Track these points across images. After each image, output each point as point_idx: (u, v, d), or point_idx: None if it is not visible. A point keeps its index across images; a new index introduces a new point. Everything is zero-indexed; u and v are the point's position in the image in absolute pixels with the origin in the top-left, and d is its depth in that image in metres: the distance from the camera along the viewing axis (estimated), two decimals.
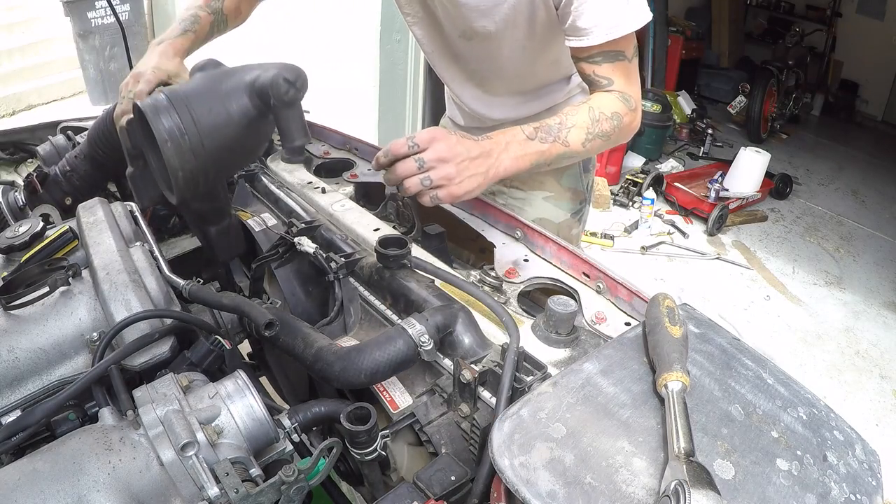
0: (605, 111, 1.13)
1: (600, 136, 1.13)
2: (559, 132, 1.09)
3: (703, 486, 0.52)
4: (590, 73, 1.17)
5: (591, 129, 1.11)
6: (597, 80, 1.17)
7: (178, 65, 1.21)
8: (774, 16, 7.16)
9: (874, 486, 0.64)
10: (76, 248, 0.90)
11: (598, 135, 1.12)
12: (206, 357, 0.76)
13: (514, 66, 1.36)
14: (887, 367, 3.22)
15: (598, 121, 1.12)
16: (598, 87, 1.17)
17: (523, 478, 0.56)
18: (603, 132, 1.13)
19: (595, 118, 1.12)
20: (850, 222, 4.71)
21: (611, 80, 1.16)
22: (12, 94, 4.94)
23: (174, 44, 1.24)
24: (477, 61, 1.39)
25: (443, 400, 0.78)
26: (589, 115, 1.12)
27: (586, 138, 1.11)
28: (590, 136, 1.11)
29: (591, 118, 1.12)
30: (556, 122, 1.09)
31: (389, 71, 3.44)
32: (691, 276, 3.80)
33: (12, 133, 1.40)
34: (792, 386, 0.73)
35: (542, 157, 1.08)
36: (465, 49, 1.35)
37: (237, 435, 0.65)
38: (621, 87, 1.16)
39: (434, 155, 0.96)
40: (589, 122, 1.11)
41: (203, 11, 1.34)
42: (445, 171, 0.96)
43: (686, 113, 5.68)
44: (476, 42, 1.30)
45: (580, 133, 1.11)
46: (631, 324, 0.90)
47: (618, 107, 1.15)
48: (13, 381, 0.74)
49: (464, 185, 0.99)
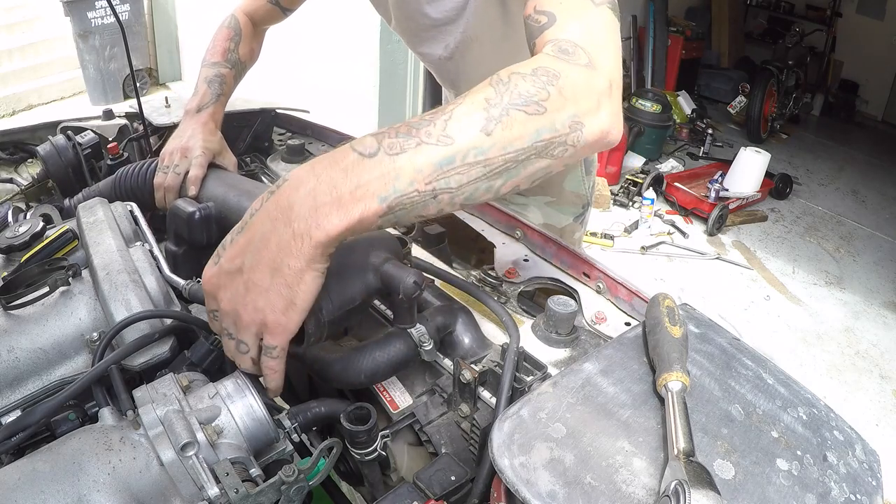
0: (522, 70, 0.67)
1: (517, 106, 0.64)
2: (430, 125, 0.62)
3: (703, 486, 0.52)
4: (530, 11, 0.77)
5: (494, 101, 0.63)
6: (534, 21, 0.76)
7: (221, 141, 1.18)
8: (774, 16, 7.16)
9: (874, 486, 0.64)
10: (76, 248, 0.90)
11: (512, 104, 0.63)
12: (206, 357, 0.76)
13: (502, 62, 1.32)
14: (887, 367, 3.22)
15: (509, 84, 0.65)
16: (534, 35, 0.76)
17: (523, 478, 0.56)
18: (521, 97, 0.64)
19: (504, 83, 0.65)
20: (850, 222, 4.71)
21: (552, 14, 0.74)
22: (12, 94, 4.94)
23: (213, 115, 1.20)
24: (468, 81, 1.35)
25: (443, 400, 0.78)
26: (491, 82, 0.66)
27: (488, 117, 0.62)
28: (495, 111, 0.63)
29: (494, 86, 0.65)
30: (424, 116, 0.64)
31: (389, 71, 3.44)
32: (691, 276, 3.80)
33: (12, 133, 1.39)
34: (792, 386, 0.73)
35: (400, 181, 0.60)
36: (453, 70, 1.32)
37: (237, 435, 0.65)
38: (566, 33, 0.71)
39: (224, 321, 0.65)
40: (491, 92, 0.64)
41: (225, 68, 1.28)
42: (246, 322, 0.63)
43: (686, 113, 5.68)
44: (458, 57, 1.26)
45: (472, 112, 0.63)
46: (631, 324, 0.90)
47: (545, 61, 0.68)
48: (13, 381, 0.74)
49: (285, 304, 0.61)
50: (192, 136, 1.14)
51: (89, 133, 1.31)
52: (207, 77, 1.24)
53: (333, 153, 0.62)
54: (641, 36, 5.78)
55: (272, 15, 1.39)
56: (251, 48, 1.35)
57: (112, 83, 4.97)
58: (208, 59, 1.29)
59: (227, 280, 0.63)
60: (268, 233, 0.60)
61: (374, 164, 0.60)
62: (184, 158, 1.10)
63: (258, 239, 0.61)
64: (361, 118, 3.56)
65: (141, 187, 1.11)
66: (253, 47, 1.37)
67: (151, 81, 5.47)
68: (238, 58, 1.31)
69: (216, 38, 1.32)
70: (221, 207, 0.99)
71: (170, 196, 1.08)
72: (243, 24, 1.34)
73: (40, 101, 5.11)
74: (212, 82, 1.23)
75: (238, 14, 1.36)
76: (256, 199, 0.64)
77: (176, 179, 1.08)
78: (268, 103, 1.48)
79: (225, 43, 1.30)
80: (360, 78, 3.52)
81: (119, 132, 1.43)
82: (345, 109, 3.52)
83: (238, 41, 1.32)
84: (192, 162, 1.09)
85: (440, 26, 1.23)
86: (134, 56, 4.82)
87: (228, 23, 1.34)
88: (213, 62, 1.27)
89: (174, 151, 1.11)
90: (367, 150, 0.60)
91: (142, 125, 1.33)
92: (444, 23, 1.22)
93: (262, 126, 1.47)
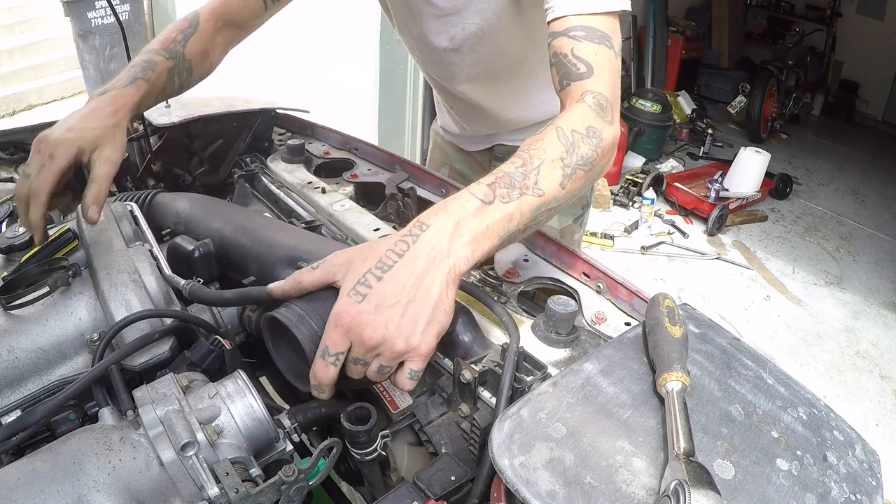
0: (578, 127, 0.83)
1: (581, 166, 0.82)
2: (525, 178, 0.77)
3: (703, 486, 0.52)
4: (566, 52, 0.91)
5: (567, 160, 0.81)
6: (573, 63, 0.90)
7: (109, 129, 0.91)
8: (774, 16, 7.16)
9: (874, 486, 0.64)
10: (76, 248, 0.90)
11: (578, 164, 0.82)
12: (206, 357, 0.76)
13: (508, 63, 1.32)
14: (887, 367, 3.22)
15: (574, 144, 0.82)
16: (572, 78, 0.90)
17: (523, 478, 0.56)
18: (583, 158, 0.82)
19: (569, 143, 0.82)
20: (850, 222, 4.71)
21: (590, 67, 0.89)
22: (12, 94, 4.94)
23: (117, 97, 0.96)
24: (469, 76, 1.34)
25: (443, 400, 0.78)
26: (560, 139, 0.81)
27: (564, 175, 0.80)
28: (568, 171, 0.81)
29: (563, 143, 0.81)
30: (516, 165, 0.78)
31: (389, 71, 3.44)
32: (691, 276, 3.80)
33: (12, 133, 1.40)
34: (792, 386, 0.73)
35: (512, 223, 0.75)
36: (456, 62, 1.31)
37: (237, 435, 0.65)
38: (600, 87, 0.89)
39: (363, 349, 0.67)
40: (563, 150, 0.81)
41: (160, 56, 1.07)
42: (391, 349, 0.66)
43: (686, 113, 5.68)
44: (466, 49, 1.25)
45: (554, 170, 0.79)
46: (631, 324, 0.90)
47: (591, 118, 0.86)
48: (13, 381, 0.74)
49: (427, 330, 0.67)
50: (63, 121, 0.91)
51: None
52: (132, 62, 1.05)
53: (459, 200, 0.74)
54: (641, 36, 5.78)
55: (256, 10, 1.21)
56: (205, 49, 1.15)
57: None
58: (146, 47, 1.10)
59: (376, 315, 0.66)
60: (422, 270, 0.68)
61: (494, 210, 0.74)
62: (40, 164, 0.86)
63: (415, 276, 0.68)
64: (361, 118, 3.56)
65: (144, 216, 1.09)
66: (208, 49, 1.16)
67: None
68: (182, 52, 1.11)
69: (165, 30, 1.14)
70: (218, 243, 0.97)
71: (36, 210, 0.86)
72: (203, 20, 1.16)
73: (40, 101, 5.11)
74: (134, 66, 1.03)
75: (203, 10, 1.18)
76: (393, 241, 0.70)
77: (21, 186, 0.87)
78: (268, 103, 1.48)
79: (172, 34, 1.12)
80: (360, 78, 3.52)
81: None
82: (345, 109, 3.51)
83: (189, 35, 1.13)
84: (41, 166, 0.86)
85: (444, 16, 1.21)
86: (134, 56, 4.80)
87: (186, 16, 1.17)
88: (148, 49, 1.09)
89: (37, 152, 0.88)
90: (486, 198, 0.74)
91: (142, 125, 1.33)
92: (449, 13, 1.20)
93: (262, 126, 1.47)
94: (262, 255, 0.92)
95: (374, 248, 0.71)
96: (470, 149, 1.64)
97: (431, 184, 1.26)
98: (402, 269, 0.68)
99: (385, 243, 0.70)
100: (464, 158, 1.68)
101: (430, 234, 0.70)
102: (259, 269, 0.92)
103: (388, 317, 0.66)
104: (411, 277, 0.67)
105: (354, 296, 0.67)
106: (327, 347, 0.67)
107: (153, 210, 1.11)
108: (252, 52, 2.48)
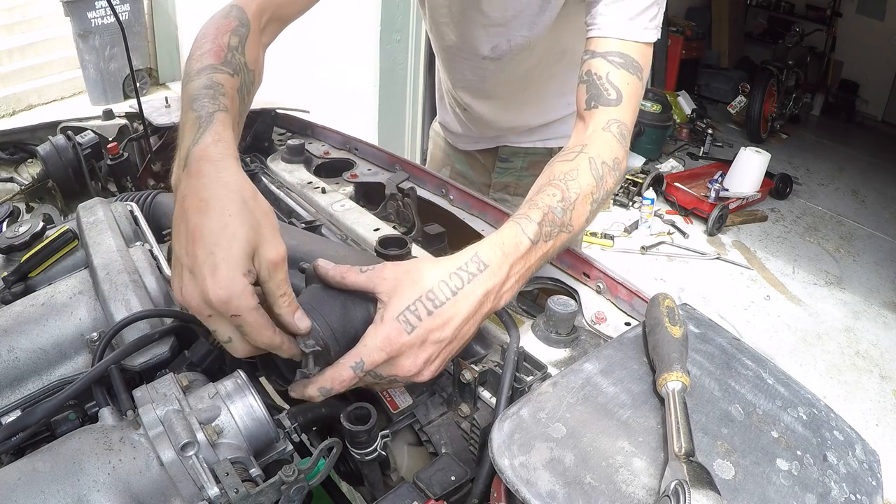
0: (608, 160, 0.85)
1: (602, 200, 0.85)
2: (564, 215, 0.79)
3: (703, 486, 0.52)
4: (602, 75, 0.92)
5: (596, 195, 0.83)
6: (605, 88, 0.92)
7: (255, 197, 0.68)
8: (774, 16, 7.16)
9: (874, 486, 0.64)
10: (76, 248, 0.90)
11: (602, 198, 0.84)
12: (206, 357, 0.75)
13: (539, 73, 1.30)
14: (887, 367, 3.22)
15: (602, 178, 0.84)
16: (601, 102, 0.92)
17: (523, 478, 0.56)
18: (607, 192, 0.85)
19: (599, 176, 0.83)
20: (850, 222, 4.71)
21: (621, 95, 0.91)
22: (12, 94, 4.95)
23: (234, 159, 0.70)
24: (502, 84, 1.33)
25: (443, 400, 0.78)
26: (592, 172, 0.83)
27: (591, 210, 0.83)
28: (595, 206, 0.83)
29: (594, 177, 0.83)
30: (557, 199, 0.79)
31: (389, 71, 3.44)
32: (691, 276, 3.80)
33: (12, 133, 1.40)
34: (792, 386, 0.73)
35: (544, 259, 0.80)
36: (492, 69, 1.29)
37: (237, 435, 0.65)
38: (625, 117, 0.91)
39: (391, 371, 0.68)
40: (594, 185, 0.82)
41: (222, 73, 0.80)
42: (408, 375, 0.69)
43: (686, 113, 5.68)
44: (507, 60, 1.23)
45: (585, 206, 0.82)
46: (631, 324, 0.90)
47: (617, 150, 0.88)
48: (13, 381, 0.74)
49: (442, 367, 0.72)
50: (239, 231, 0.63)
51: (89, 133, 1.31)
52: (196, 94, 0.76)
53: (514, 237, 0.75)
54: None
55: None
56: (258, 55, 0.91)
57: (112, 83, 4.97)
58: (193, 65, 0.81)
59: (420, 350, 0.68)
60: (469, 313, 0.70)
61: (538, 250, 0.77)
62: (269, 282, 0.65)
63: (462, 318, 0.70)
64: (361, 118, 3.56)
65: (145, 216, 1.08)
66: (261, 56, 0.93)
67: (151, 81, 5.48)
68: (245, 62, 0.85)
69: (207, 34, 0.86)
70: None
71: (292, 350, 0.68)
72: (252, 18, 0.90)
73: (40, 101, 5.11)
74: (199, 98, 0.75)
75: (242, 3, 0.91)
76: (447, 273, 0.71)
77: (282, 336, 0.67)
78: (268, 103, 1.48)
79: (223, 37, 0.85)
80: (360, 78, 3.52)
81: (119, 132, 1.43)
82: (345, 109, 3.51)
83: (245, 37, 0.87)
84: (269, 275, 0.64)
85: (491, 27, 1.20)
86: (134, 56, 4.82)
87: (228, 11, 0.90)
88: (205, 66, 0.80)
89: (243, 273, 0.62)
90: (535, 238, 0.76)
91: (142, 125, 1.33)
92: (497, 23, 1.19)
93: (262, 126, 1.47)
94: None
95: (425, 274, 0.70)
96: (469, 149, 1.64)
97: (431, 184, 1.26)
98: (452, 309, 0.69)
99: (437, 272, 0.70)
100: (465, 159, 1.67)
101: (486, 278, 0.71)
102: None
103: (429, 353, 0.68)
104: (459, 319, 0.69)
105: (404, 324, 0.67)
106: (363, 361, 0.66)
107: (154, 210, 1.10)
108: None
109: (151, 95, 4.60)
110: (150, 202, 1.11)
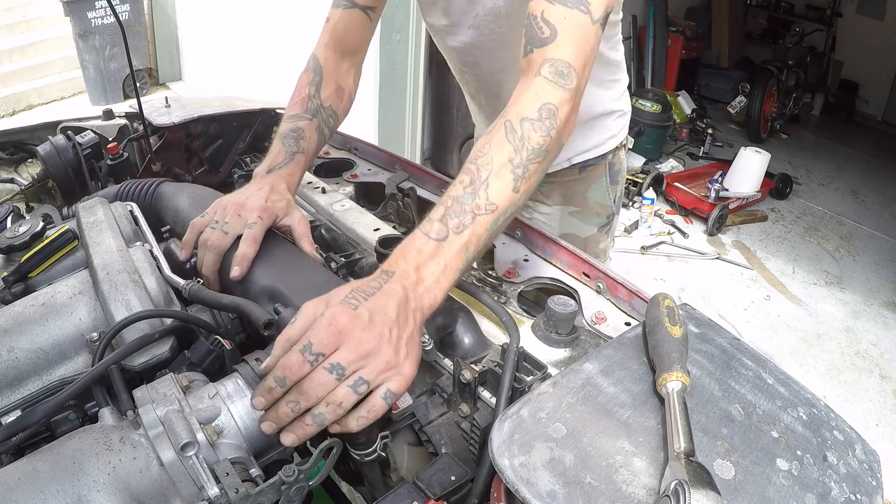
0: (530, 113, 0.80)
1: (533, 160, 0.78)
2: (475, 198, 0.76)
3: (703, 486, 0.52)
4: (537, 14, 0.86)
5: (516, 160, 0.78)
6: (539, 27, 0.85)
7: (290, 203, 1.01)
8: (774, 16, 7.16)
9: (874, 486, 0.64)
10: (76, 248, 0.90)
11: (530, 159, 0.78)
12: (206, 357, 0.75)
13: None
14: (887, 367, 3.22)
15: (523, 138, 0.78)
16: (535, 43, 0.85)
17: (523, 478, 0.56)
18: (534, 151, 0.79)
19: (518, 136, 0.79)
20: (850, 222, 4.71)
21: (555, 31, 0.83)
22: (12, 94, 4.94)
23: (287, 176, 1.04)
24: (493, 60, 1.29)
25: (443, 400, 0.78)
26: (508, 136, 0.79)
27: (515, 178, 0.78)
28: (519, 171, 0.78)
29: (512, 141, 0.78)
30: (464, 185, 0.77)
31: (389, 71, 3.44)
32: (691, 276, 3.80)
33: (12, 133, 1.40)
34: (792, 386, 0.73)
35: (469, 250, 0.75)
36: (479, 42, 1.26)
37: (237, 435, 0.65)
38: (562, 53, 0.83)
39: (353, 353, 0.65)
40: (511, 151, 0.78)
41: (304, 120, 1.11)
42: (380, 360, 0.66)
43: (686, 113, 5.68)
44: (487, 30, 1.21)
45: (504, 177, 0.77)
46: (631, 324, 0.90)
47: (548, 94, 0.81)
48: (13, 381, 0.74)
49: (408, 358, 0.69)
50: (253, 194, 0.98)
51: (89, 133, 1.31)
52: (283, 133, 1.09)
53: (415, 244, 0.74)
54: (641, 36, 5.78)
55: (361, 25, 1.22)
56: (338, 86, 1.20)
57: (112, 83, 4.97)
58: (287, 112, 1.14)
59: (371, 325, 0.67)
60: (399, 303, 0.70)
61: (450, 245, 0.74)
62: (236, 217, 0.94)
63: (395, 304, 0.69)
64: (361, 118, 3.56)
65: (146, 206, 1.08)
66: (340, 84, 1.20)
67: (151, 81, 5.47)
68: (320, 103, 1.15)
69: (296, 88, 1.17)
70: None
71: (211, 258, 0.92)
72: (324, 62, 1.18)
73: (40, 101, 5.11)
74: (286, 138, 1.08)
75: (317, 52, 1.20)
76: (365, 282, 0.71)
77: (222, 240, 0.92)
78: (268, 103, 1.48)
79: (304, 90, 1.15)
80: None
81: (119, 132, 1.43)
82: None
83: (319, 83, 1.16)
84: (245, 226, 0.93)
85: None
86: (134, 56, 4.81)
87: (308, 65, 1.20)
88: (291, 115, 1.12)
89: (227, 206, 0.96)
90: (440, 235, 0.74)
91: (142, 125, 1.33)
92: None
93: (262, 126, 1.47)
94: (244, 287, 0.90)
95: (346, 286, 0.72)
96: None
97: (431, 184, 1.26)
98: (382, 296, 0.70)
99: (355, 284, 0.72)
100: None
101: (395, 281, 0.71)
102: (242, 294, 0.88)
103: (380, 330, 0.67)
104: (391, 304, 0.69)
105: (347, 304, 0.67)
106: (311, 344, 0.64)
107: (157, 200, 1.10)
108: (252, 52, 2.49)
109: (151, 95, 4.59)
110: (152, 191, 1.11)
